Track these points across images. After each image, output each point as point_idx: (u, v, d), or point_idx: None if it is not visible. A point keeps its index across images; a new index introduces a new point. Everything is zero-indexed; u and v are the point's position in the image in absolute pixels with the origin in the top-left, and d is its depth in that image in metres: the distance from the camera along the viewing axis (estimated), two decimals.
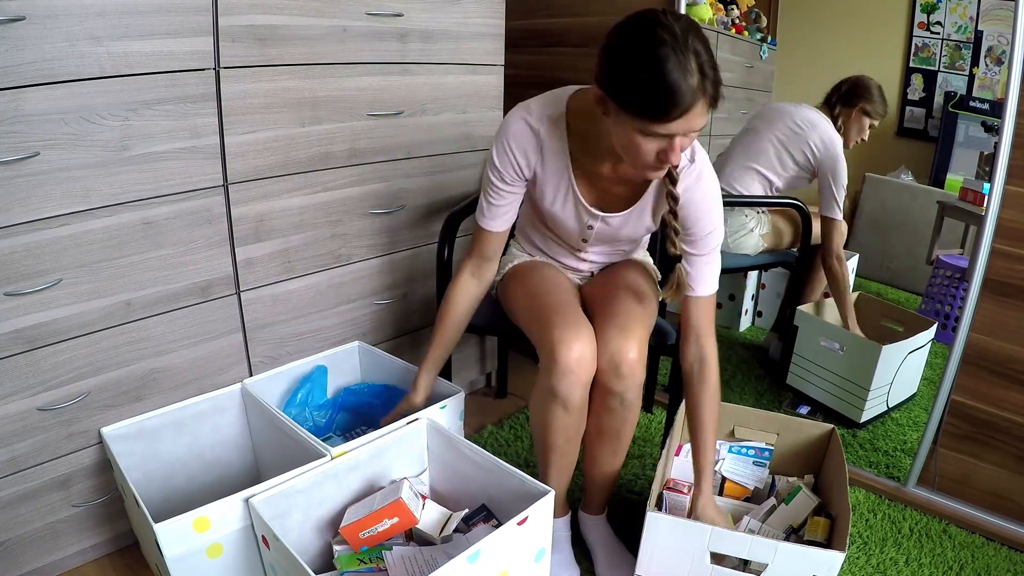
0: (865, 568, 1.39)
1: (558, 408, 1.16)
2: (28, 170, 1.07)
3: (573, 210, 1.23)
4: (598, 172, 1.17)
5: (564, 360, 1.11)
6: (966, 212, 1.82)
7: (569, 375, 1.12)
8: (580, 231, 1.28)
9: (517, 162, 1.17)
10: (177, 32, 1.17)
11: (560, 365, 1.12)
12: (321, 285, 1.55)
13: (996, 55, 1.68)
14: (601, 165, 1.16)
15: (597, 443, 1.29)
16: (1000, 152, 1.32)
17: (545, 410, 1.18)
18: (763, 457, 1.48)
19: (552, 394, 1.15)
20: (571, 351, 1.11)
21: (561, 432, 1.20)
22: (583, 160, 1.17)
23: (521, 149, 1.16)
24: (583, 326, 1.15)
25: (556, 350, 1.12)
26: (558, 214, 1.25)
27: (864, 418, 1.82)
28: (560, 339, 1.12)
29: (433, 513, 1.23)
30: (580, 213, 1.23)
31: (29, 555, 1.25)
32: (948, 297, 1.97)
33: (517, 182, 1.20)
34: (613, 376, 1.15)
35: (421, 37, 1.56)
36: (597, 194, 1.21)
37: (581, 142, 1.15)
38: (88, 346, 1.22)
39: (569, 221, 1.26)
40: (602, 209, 1.22)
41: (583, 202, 1.21)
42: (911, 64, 1.84)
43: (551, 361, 1.13)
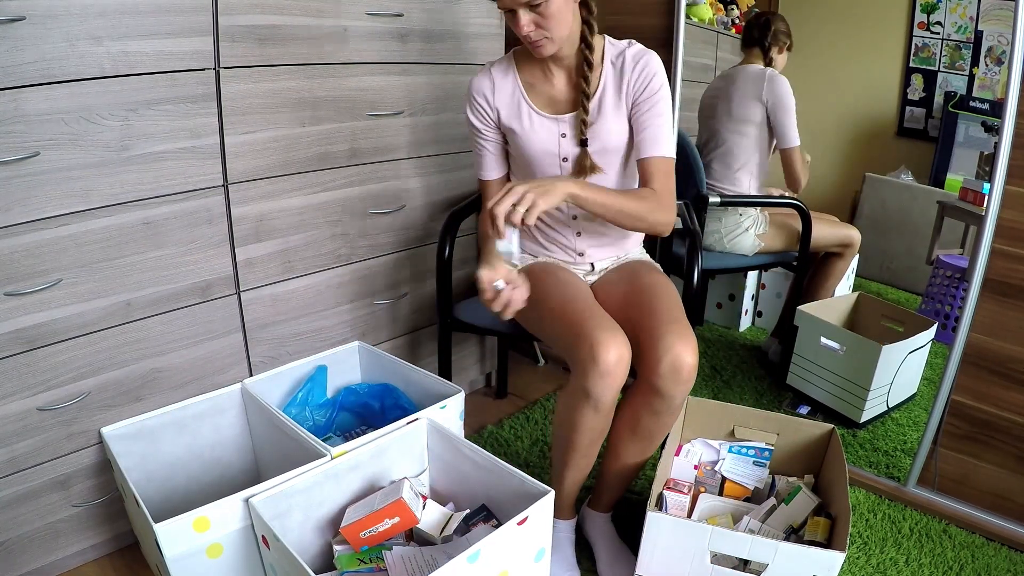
0: (865, 568, 1.39)
1: (589, 409, 1.16)
2: (28, 170, 1.07)
3: (540, 127, 1.33)
4: (549, 83, 1.32)
5: (605, 362, 1.11)
6: (966, 212, 1.82)
7: (607, 377, 1.12)
8: (558, 150, 1.33)
9: (480, 105, 1.35)
10: (177, 32, 1.17)
11: (600, 367, 1.12)
12: (321, 285, 1.55)
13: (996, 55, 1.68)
14: (548, 75, 1.32)
15: (628, 441, 1.29)
16: (1000, 152, 1.32)
17: (575, 410, 1.18)
18: (763, 457, 1.48)
19: (586, 395, 1.15)
20: (610, 353, 1.12)
21: (587, 433, 1.21)
22: (534, 81, 1.33)
23: (480, 92, 1.35)
24: (618, 330, 1.16)
25: (596, 352, 1.12)
26: (532, 142, 1.33)
27: (864, 418, 1.81)
28: (600, 341, 1.12)
29: (433, 513, 1.23)
30: (546, 125, 1.32)
31: (29, 555, 1.25)
32: (948, 297, 1.97)
33: (489, 125, 1.37)
34: (671, 380, 1.16)
35: (421, 37, 1.56)
36: (556, 107, 1.33)
37: (528, 69, 1.33)
38: (88, 346, 1.22)
39: (539, 142, 1.33)
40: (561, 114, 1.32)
41: (540, 112, 1.32)
42: (911, 64, 1.84)
43: (590, 363, 1.12)
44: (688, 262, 1.45)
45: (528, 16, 1.16)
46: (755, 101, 1.86)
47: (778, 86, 1.84)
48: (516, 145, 1.36)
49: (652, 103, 1.27)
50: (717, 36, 2.07)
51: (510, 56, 1.37)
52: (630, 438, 1.28)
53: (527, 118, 1.33)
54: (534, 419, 1.90)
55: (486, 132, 1.38)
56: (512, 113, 1.34)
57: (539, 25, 1.17)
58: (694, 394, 1.61)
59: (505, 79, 1.34)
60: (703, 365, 2.14)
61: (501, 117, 1.35)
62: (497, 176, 1.43)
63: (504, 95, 1.34)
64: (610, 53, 1.30)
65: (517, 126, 1.34)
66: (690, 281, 1.45)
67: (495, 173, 1.43)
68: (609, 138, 1.31)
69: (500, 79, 1.34)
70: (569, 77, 1.31)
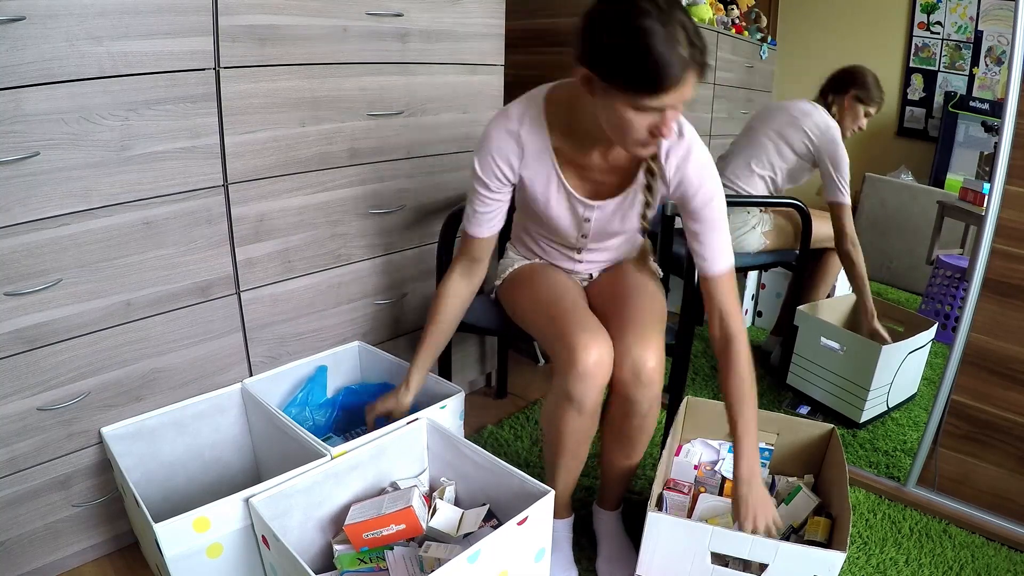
0: (865, 568, 1.39)
1: (572, 411, 1.16)
2: (28, 170, 1.07)
3: (566, 204, 1.22)
4: (585, 162, 1.17)
5: (583, 364, 1.11)
6: (966, 212, 1.83)
7: (587, 379, 1.12)
8: (577, 226, 1.26)
9: (500, 169, 1.17)
10: (177, 32, 1.17)
11: (578, 368, 1.11)
12: (321, 285, 1.55)
13: (996, 55, 1.68)
14: (587, 154, 1.16)
15: (612, 445, 1.29)
16: (1000, 152, 1.32)
17: (559, 412, 1.18)
18: (763, 457, 1.48)
19: (568, 397, 1.14)
20: (589, 355, 1.11)
21: (573, 435, 1.20)
22: (568, 153, 1.16)
23: (503, 156, 1.16)
24: (600, 330, 1.16)
25: (575, 354, 1.11)
26: (552, 212, 1.24)
27: (864, 418, 1.82)
28: (579, 343, 1.12)
29: (447, 512, 1.23)
30: (573, 206, 1.22)
31: (29, 555, 1.25)
32: (948, 297, 1.97)
33: (502, 189, 1.20)
34: (633, 384, 1.15)
35: (421, 37, 1.56)
36: (588, 185, 1.20)
37: (564, 135, 1.15)
38: (88, 346, 1.22)
39: (564, 218, 1.24)
40: (594, 199, 1.21)
41: (574, 193, 1.20)
42: (911, 64, 1.85)
43: (569, 364, 1.12)
44: (688, 262, 1.45)
45: (676, 114, 0.98)
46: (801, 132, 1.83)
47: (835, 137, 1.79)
48: (529, 203, 1.24)
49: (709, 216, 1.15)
50: (717, 36, 2.07)
51: (539, 108, 1.14)
52: (614, 441, 1.29)
53: (555, 193, 1.20)
54: (534, 419, 1.90)
55: (495, 195, 1.21)
56: (537, 181, 1.19)
57: (675, 122, 1.00)
58: (694, 394, 1.61)
59: (533, 140, 1.15)
60: (703, 365, 2.15)
61: (523, 179, 1.19)
62: (489, 234, 1.26)
63: (532, 161, 1.17)
64: None
65: (539, 194, 1.20)
66: (690, 281, 1.45)
67: (487, 232, 1.25)
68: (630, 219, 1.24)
69: (528, 140, 1.15)
70: (603, 155, 1.16)
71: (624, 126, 0.99)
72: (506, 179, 1.18)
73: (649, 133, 0.99)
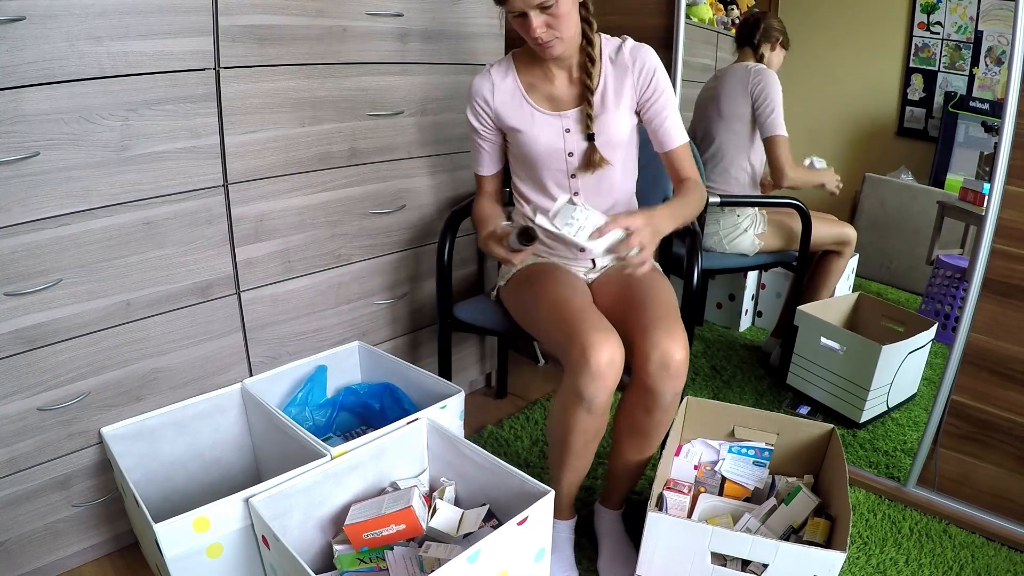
0: (865, 568, 1.39)
1: (582, 411, 1.16)
2: (28, 170, 1.07)
3: (544, 124, 1.34)
4: (550, 82, 1.34)
5: (596, 363, 1.11)
6: (966, 212, 1.82)
7: (600, 378, 1.12)
8: (563, 146, 1.34)
9: (480, 106, 1.38)
10: (177, 32, 1.17)
11: (592, 368, 1.12)
12: (321, 285, 1.55)
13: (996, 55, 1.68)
14: (548, 74, 1.34)
15: (626, 439, 1.30)
16: (1000, 152, 1.32)
17: (569, 412, 1.18)
18: (763, 457, 1.48)
19: (579, 396, 1.15)
20: (602, 355, 1.12)
21: (581, 435, 1.21)
22: (532, 80, 1.36)
23: (480, 95, 1.37)
24: (611, 330, 1.16)
25: (588, 353, 1.12)
26: (536, 140, 1.35)
27: (864, 418, 1.81)
28: (592, 343, 1.12)
29: (446, 512, 1.23)
30: (549, 122, 1.34)
31: (29, 555, 1.25)
32: (948, 297, 1.97)
33: (489, 127, 1.40)
34: (661, 377, 1.16)
35: (421, 37, 1.56)
36: (556, 105, 1.35)
37: (526, 68, 1.36)
38: (88, 346, 1.22)
39: (545, 139, 1.35)
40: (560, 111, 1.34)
41: (542, 110, 1.34)
42: (911, 64, 1.84)
43: (582, 364, 1.12)
44: (688, 262, 1.45)
45: (540, 18, 1.18)
46: (742, 97, 1.86)
47: (764, 78, 1.83)
48: (520, 144, 1.37)
49: (660, 98, 1.32)
50: (717, 36, 2.07)
51: (508, 58, 1.39)
52: (628, 436, 1.29)
53: (529, 117, 1.35)
54: (534, 419, 1.90)
55: (485, 133, 1.41)
56: (514, 113, 1.36)
57: (550, 26, 1.20)
58: (694, 394, 1.61)
59: (505, 80, 1.36)
60: (703, 365, 2.15)
61: (503, 118, 1.37)
62: (493, 171, 1.48)
63: (504, 96, 1.36)
64: (607, 49, 1.33)
65: (520, 125, 1.35)
66: (690, 281, 1.45)
67: (491, 169, 1.47)
68: (612, 131, 1.33)
69: (500, 81, 1.36)
70: (569, 75, 1.33)
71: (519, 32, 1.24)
72: (486, 116, 1.38)
73: (528, 34, 1.21)
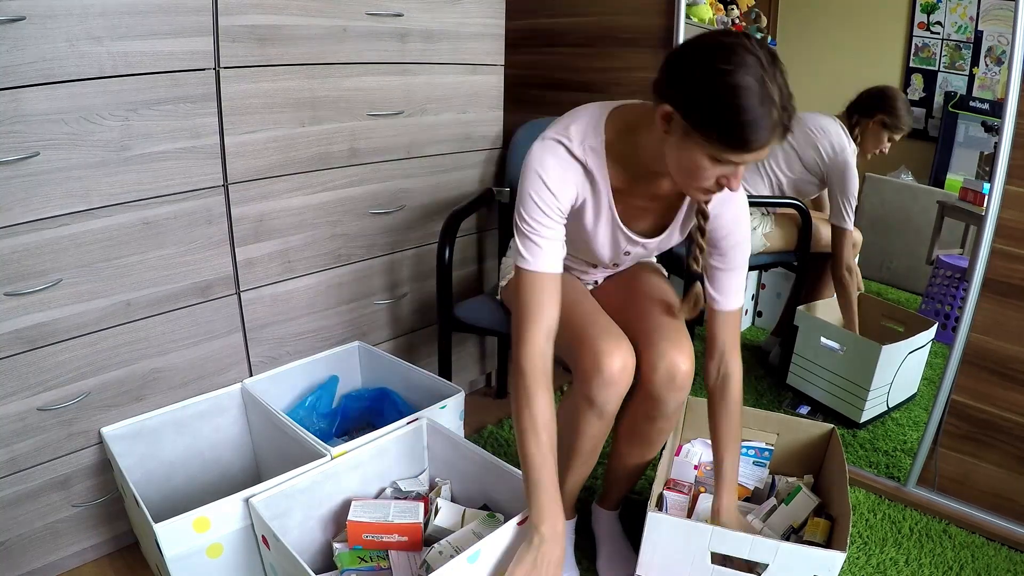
0: (865, 568, 1.39)
1: (593, 416, 1.16)
2: (28, 170, 1.07)
3: (611, 236, 1.17)
4: (635, 193, 1.12)
5: (608, 370, 1.11)
6: (966, 212, 1.82)
7: (612, 385, 1.12)
8: (615, 256, 1.24)
9: (567, 196, 1.07)
10: (177, 32, 1.17)
11: (604, 375, 1.11)
12: (321, 285, 1.55)
13: (996, 55, 1.68)
14: (638, 186, 1.11)
15: (627, 445, 1.30)
16: (1000, 152, 1.32)
17: (579, 416, 1.18)
18: (763, 457, 1.48)
19: (590, 402, 1.14)
20: (614, 361, 1.11)
21: (590, 439, 1.20)
22: (621, 182, 1.10)
23: (573, 182, 1.06)
24: (622, 337, 1.15)
25: (600, 360, 1.11)
26: (597, 242, 1.19)
27: (864, 418, 1.81)
28: (604, 350, 1.11)
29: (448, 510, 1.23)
30: (618, 239, 1.18)
31: (29, 555, 1.25)
32: (948, 297, 1.97)
33: (563, 219, 1.08)
34: (667, 388, 1.16)
35: (421, 37, 1.56)
36: (633, 216, 1.16)
37: (619, 163, 1.08)
38: (88, 346, 1.22)
39: (605, 248, 1.20)
40: (639, 232, 1.18)
41: (625, 230, 1.15)
42: (911, 64, 1.84)
43: (594, 370, 1.11)
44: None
45: (743, 170, 0.96)
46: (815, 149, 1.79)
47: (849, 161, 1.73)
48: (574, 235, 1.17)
49: (736, 255, 1.16)
50: None
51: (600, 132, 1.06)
52: (629, 442, 1.29)
53: (605, 226, 1.15)
54: None
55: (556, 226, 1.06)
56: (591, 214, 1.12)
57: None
58: (694, 394, 1.61)
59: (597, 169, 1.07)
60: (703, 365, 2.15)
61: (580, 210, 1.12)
62: (558, 270, 1.07)
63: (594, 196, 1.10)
64: None
65: (591, 227, 1.14)
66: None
67: (557, 265, 1.07)
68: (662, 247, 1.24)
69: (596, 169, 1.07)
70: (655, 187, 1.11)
71: (695, 171, 0.95)
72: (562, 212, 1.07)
73: (717, 182, 0.96)
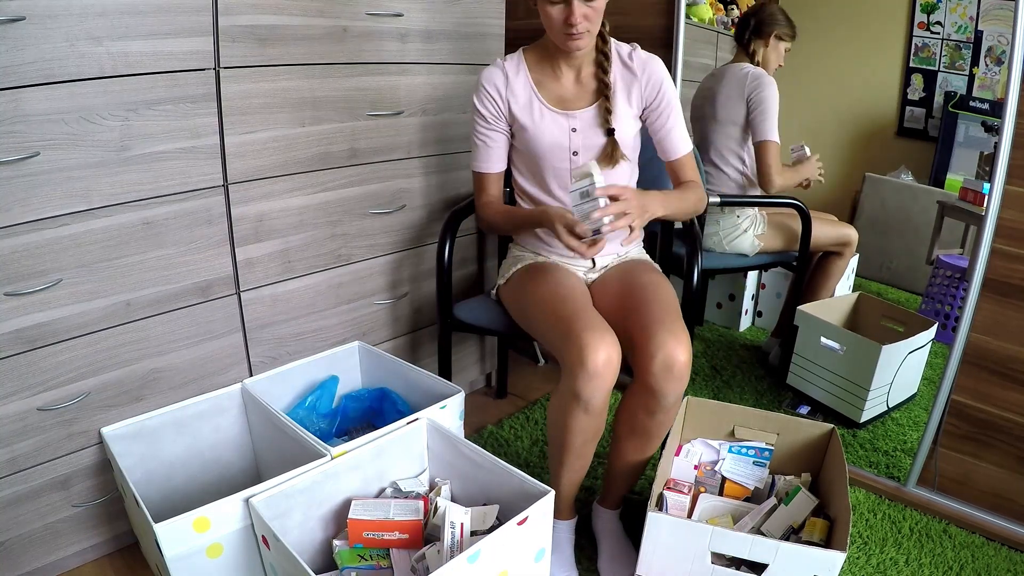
0: (865, 568, 1.39)
1: (579, 411, 1.17)
2: (28, 170, 1.07)
3: (551, 123, 1.35)
4: (558, 82, 1.36)
5: (593, 364, 1.12)
6: (966, 212, 1.82)
7: (596, 379, 1.12)
8: (568, 144, 1.36)
9: (491, 95, 1.37)
10: (177, 32, 1.17)
11: (588, 369, 1.12)
12: (321, 285, 1.55)
13: (996, 55, 1.68)
14: (557, 73, 1.36)
15: (627, 440, 1.30)
16: (1000, 152, 1.32)
17: (566, 412, 1.19)
18: (763, 457, 1.48)
19: (576, 397, 1.15)
20: (599, 355, 1.12)
21: (580, 434, 1.21)
22: (543, 77, 1.37)
23: (491, 83, 1.37)
24: (608, 331, 1.16)
25: (584, 354, 1.12)
26: (542, 137, 1.36)
27: (864, 418, 1.81)
28: (588, 343, 1.12)
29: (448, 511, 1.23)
30: (557, 120, 1.35)
31: (29, 555, 1.25)
32: (948, 297, 1.97)
33: (499, 120, 1.39)
34: (665, 379, 1.16)
35: (421, 37, 1.56)
36: (564, 102, 1.36)
37: (538, 63, 1.37)
38: (88, 346, 1.22)
39: (550, 134, 1.36)
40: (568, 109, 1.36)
41: (549, 106, 1.36)
42: (911, 64, 1.84)
43: (578, 364, 1.13)
44: (688, 263, 1.45)
45: (582, 9, 1.20)
46: (738, 100, 1.86)
47: (760, 83, 1.82)
48: (525, 140, 1.38)
49: (668, 108, 1.36)
50: (717, 36, 2.07)
51: (519, 54, 1.40)
52: (628, 436, 1.29)
53: (538, 113, 1.36)
54: (534, 419, 1.90)
55: (495, 124, 1.40)
56: (523, 107, 1.36)
57: (587, 18, 1.21)
58: (694, 394, 1.61)
59: (517, 74, 1.37)
60: (703, 365, 2.15)
61: (512, 109, 1.37)
62: (499, 169, 1.44)
63: (516, 88, 1.37)
64: (619, 53, 1.36)
65: (528, 121, 1.36)
66: (690, 281, 1.45)
67: (497, 166, 1.44)
68: (622, 130, 1.35)
69: (512, 73, 1.37)
70: (577, 74, 1.36)
71: (548, 21, 1.24)
72: (497, 105, 1.37)
73: (564, 23, 1.21)
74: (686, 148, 1.39)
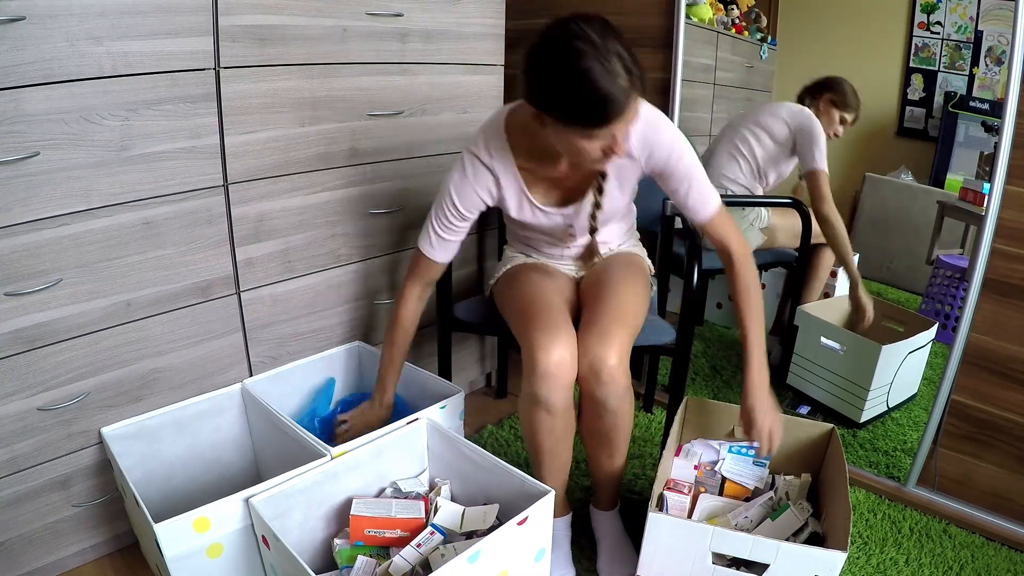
0: (865, 568, 1.39)
1: (541, 411, 1.17)
2: (28, 170, 1.07)
3: (542, 217, 1.29)
4: (550, 174, 1.23)
5: (543, 364, 1.12)
6: (966, 212, 1.82)
7: (548, 379, 1.13)
8: (562, 227, 1.32)
9: (480, 198, 1.24)
10: (177, 32, 1.17)
11: (539, 369, 1.13)
12: (321, 285, 1.55)
13: (996, 55, 1.68)
14: (549, 167, 1.22)
15: (592, 445, 1.30)
16: (1000, 152, 1.32)
17: (530, 413, 1.19)
18: (763, 457, 1.48)
19: (534, 398, 1.16)
20: (550, 355, 1.12)
21: (548, 434, 1.21)
22: (533, 169, 1.23)
23: (483, 187, 1.23)
24: (563, 330, 1.16)
25: (535, 354, 1.13)
26: (533, 224, 1.31)
27: (864, 418, 1.81)
28: (539, 343, 1.13)
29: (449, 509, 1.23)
30: (554, 219, 1.29)
31: (29, 555, 1.25)
32: (948, 297, 1.97)
33: (472, 217, 1.26)
34: (594, 383, 1.16)
35: (421, 37, 1.56)
36: (557, 194, 1.27)
37: (527, 155, 1.21)
38: (88, 346, 1.22)
39: (545, 224, 1.31)
40: (567, 204, 1.27)
41: (542, 208, 1.27)
42: (911, 64, 1.84)
43: (531, 365, 1.14)
44: (688, 262, 1.45)
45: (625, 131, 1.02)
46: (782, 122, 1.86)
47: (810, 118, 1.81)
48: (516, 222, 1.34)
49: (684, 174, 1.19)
50: (717, 36, 2.07)
51: (501, 133, 1.20)
52: (591, 439, 1.30)
53: (528, 211, 1.28)
54: None
55: (466, 224, 1.27)
56: (513, 206, 1.27)
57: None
58: (694, 394, 1.61)
59: (506, 171, 1.22)
60: (703, 365, 2.15)
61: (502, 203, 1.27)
62: (446, 260, 1.32)
63: (506, 189, 1.24)
64: None
65: (517, 215, 1.29)
66: (690, 281, 1.45)
67: (445, 258, 1.31)
68: (613, 208, 1.30)
69: (502, 171, 1.22)
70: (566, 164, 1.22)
71: (579, 152, 1.05)
72: (483, 206, 1.26)
73: (603, 153, 1.04)
74: (714, 203, 1.21)
